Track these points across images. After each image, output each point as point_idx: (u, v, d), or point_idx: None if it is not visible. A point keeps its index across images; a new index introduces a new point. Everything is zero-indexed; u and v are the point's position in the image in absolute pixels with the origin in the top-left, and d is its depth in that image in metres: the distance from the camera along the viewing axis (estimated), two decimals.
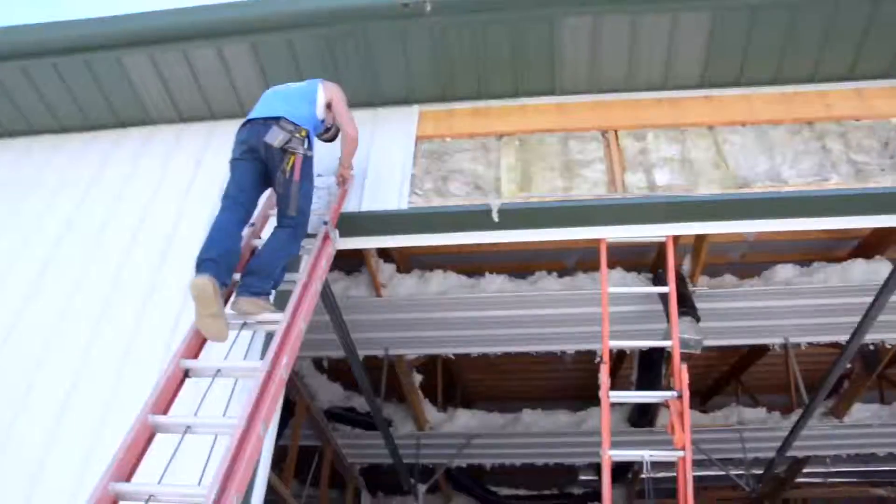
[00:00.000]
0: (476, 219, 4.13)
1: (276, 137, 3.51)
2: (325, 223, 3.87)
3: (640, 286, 5.61)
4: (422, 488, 8.43)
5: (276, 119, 3.60)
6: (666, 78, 4.75)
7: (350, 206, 4.26)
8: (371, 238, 4.36)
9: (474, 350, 6.42)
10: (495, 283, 5.77)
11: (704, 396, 9.08)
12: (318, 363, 7.26)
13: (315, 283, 3.56)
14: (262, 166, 3.60)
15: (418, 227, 4.26)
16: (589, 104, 4.79)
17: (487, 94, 4.88)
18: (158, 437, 2.60)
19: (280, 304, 3.25)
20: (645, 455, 3.96)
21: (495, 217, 4.07)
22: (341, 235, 4.05)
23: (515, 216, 4.13)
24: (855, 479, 9.24)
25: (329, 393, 7.69)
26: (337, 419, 7.82)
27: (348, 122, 4.00)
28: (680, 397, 3.92)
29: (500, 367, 8.30)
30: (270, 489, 4.66)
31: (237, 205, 3.52)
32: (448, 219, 4.17)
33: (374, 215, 4.23)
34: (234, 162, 3.64)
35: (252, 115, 3.74)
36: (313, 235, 3.78)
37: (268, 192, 3.83)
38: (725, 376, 8.72)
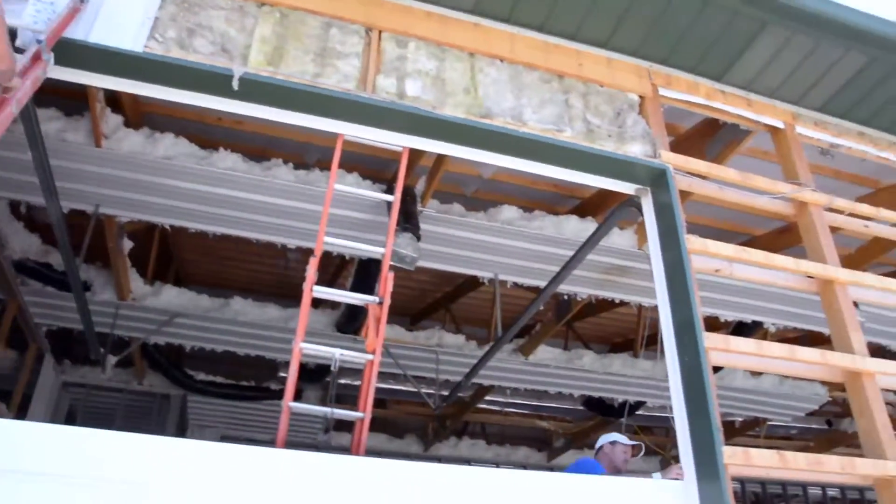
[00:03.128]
0: (215, 81, 3.85)
1: None
2: (40, 42, 3.41)
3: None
4: (112, 360, 8.01)
5: None
6: None
7: (76, 32, 3.76)
8: (94, 75, 3.90)
9: (194, 226, 6.08)
10: (228, 161, 5.49)
11: (414, 318, 9.49)
12: (15, 208, 6.50)
13: (11, 103, 3.14)
14: None
15: (150, 75, 3.88)
16: None
17: None
18: None
19: None
20: (336, 353, 4.01)
21: (235, 85, 3.83)
22: (61, 64, 3.60)
23: (257, 89, 3.91)
24: (527, 412, 10.26)
25: (24, 243, 6.91)
26: (28, 273, 7.09)
27: None
28: (381, 304, 4.00)
29: (219, 251, 8.04)
30: None
31: None
32: (185, 74, 3.84)
33: (102, 50, 3.78)
34: None
35: None
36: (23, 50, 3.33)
37: None
38: (437, 303, 9.17)
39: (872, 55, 5.08)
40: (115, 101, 5.37)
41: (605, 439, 5.62)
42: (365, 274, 6.42)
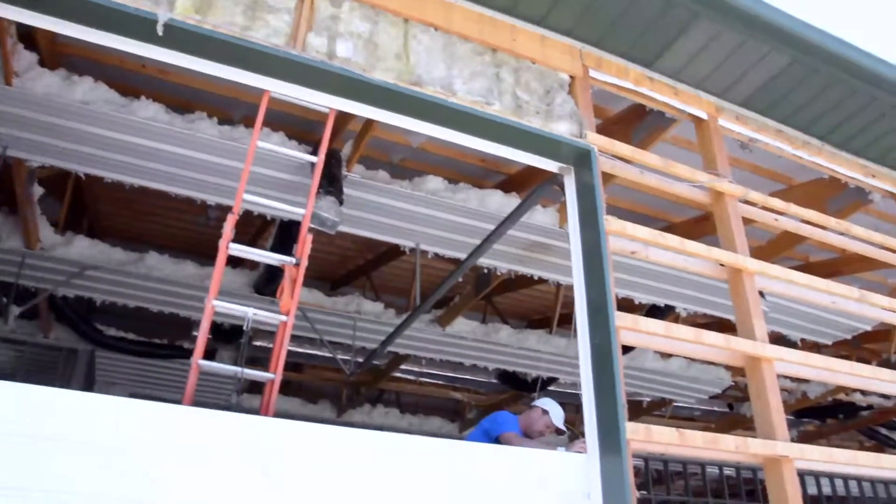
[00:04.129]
0: (138, 25, 3.69)
1: None
2: None
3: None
4: (15, 311, 7.71)
5: None
6: None
7: None
8: (3, 4, 3.69)
9: (110, 175, 5.86)
10: (149, 110, 5.31)
11: (335, 284, 9.43)
12: None
13: None
14: None
15: (68, 11, 3.69)
16: None
17: None
18: None
19: None
20: (249, 312, 3.96)
21: (160, 30, 3.68)
22: None
23: (183, 37, 3.78)
24: (441, 383, 10.36)
25: None
26: None
27: None
28: (297, 265, 3.96)
29: (136, 204, 7.80)
30: None
31: None
32: (106, 14, 3.65)
33: None
34: None
35: None
36: None
37: None
38: (358, 270, 9.12)
39: (794, 56, 5.25)
40: (30, 38, 5.12)
41: (543, 403, 5.71)
42: (285, 236, 6.33)
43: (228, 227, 3.82)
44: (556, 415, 5.55)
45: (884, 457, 5.28)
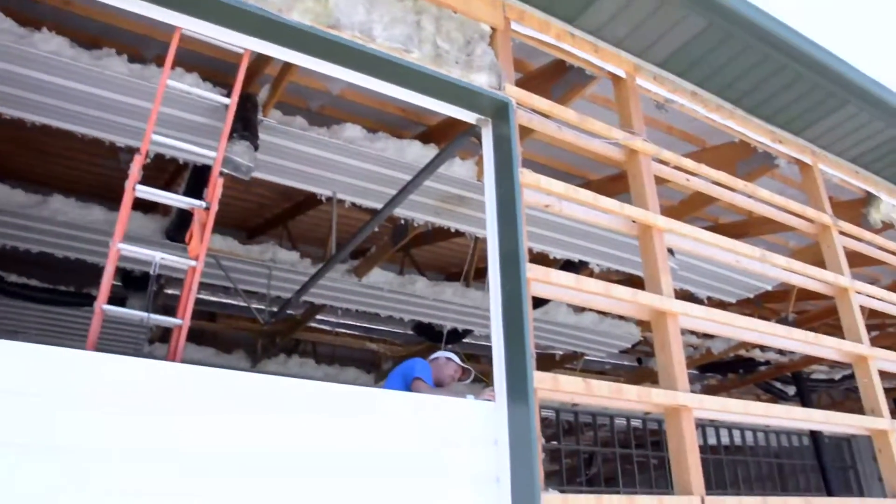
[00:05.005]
0: None
1: None
2: None
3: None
4: None
5: None
6: None
7: None
8: None
9: (9, 112, 5.54)
10: (52, 44, 5.02)
11: (251, 232, 9.25)
12: None
13: None
14: None
15: None
16: None
17: None
18: None
19: None
20: (156, 256, 3.86)
21: None
22: None
23: None
24: (358, 333, 10.36)
25: None
26: None
27: None
28: (207, 209, 3.87)
29: (39, 144, 7.42)
30: None
31: None
32: None
33: None
34: None
35: None
36: None
37: None
38: (275, 219, 8.98)
39: (711, 20, 5.35)
40: None
41: (442, 353, 5.88)
42: (198, 181, 6.13)
43: (135, 168, 3.70)
44: (457, 359, 5.89)
45: (773, 406, 5.59)
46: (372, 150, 5.99)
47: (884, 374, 6.17)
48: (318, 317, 9.63)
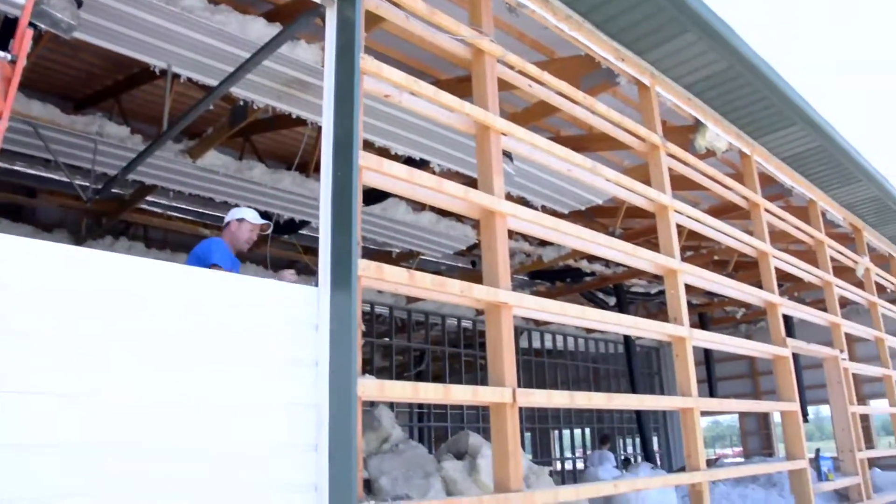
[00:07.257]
0: None
1: None
2: None
3: None
4: None
5: None
6: None
7: None
8: None
9: None
10: None
11: (79, 103, 8.57)
12: None
13: None
14: None
15: None
16: None
17: None
18: None
19: None
20: None
21: None
22: None
23: None
24: (190, 217, 9.98)
25: None
26: None
27: None
28: (14, 62, 3.53)
29: None
30: None
31: None
32: None
33: None
34: None
35: None
36: None
37: None
38: (107, 91, 8.35)
39: None
40: None
41: (232, 215, 5.59)
42: (6, 33, 5.57)
43: None
44: (250, 215, 5.54)
45: (588, 309, 5.93)
46: (212, 22, 5.62)
47: (690, 289, 6.67)
48: (149, 198, 9.16)
